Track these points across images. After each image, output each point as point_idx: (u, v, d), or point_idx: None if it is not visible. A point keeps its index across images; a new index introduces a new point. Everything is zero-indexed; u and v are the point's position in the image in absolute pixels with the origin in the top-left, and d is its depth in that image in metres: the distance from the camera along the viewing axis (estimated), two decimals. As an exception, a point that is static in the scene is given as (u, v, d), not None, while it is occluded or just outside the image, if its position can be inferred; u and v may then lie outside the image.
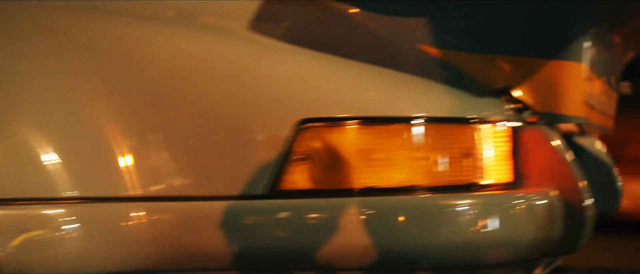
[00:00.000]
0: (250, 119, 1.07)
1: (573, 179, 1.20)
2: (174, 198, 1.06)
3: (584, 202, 1.20)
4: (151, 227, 1.05)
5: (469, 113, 1.16)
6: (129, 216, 1.05)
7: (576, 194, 1.20)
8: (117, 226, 1.04)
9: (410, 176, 1.09)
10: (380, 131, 1.08)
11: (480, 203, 1.12)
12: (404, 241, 1.06)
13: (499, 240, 1.12)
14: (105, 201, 1.05)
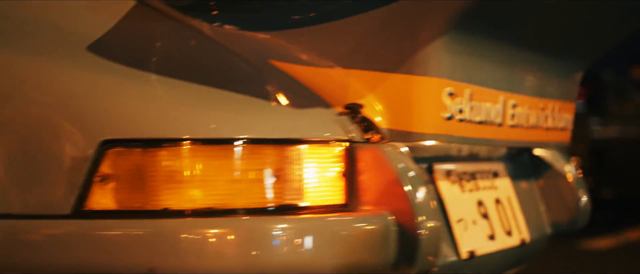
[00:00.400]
0: (57, 139, 1.11)
1: (407, 200, 1.14)
2: None
3: (418, 224, 1.13)
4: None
5: (296, 133, 1.14)
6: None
7: (409, 216, 1.13)
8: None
9: (219, 197, 1.08)
10: (187, 152, 1.08)
11: (293, 226, 1.09)
12: (209, 264, 1.06)
13: (313, 264, 1.09)
14: None
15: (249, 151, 1.09)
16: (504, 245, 1.52)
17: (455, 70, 1.26)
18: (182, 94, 1.13)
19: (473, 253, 1.40)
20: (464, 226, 1.41)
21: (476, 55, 1.33)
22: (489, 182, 1.57)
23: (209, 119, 1.11)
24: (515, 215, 1.61)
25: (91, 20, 1.26)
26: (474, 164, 1.55)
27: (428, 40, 1.20)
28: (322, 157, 1.14)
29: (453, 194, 1.42)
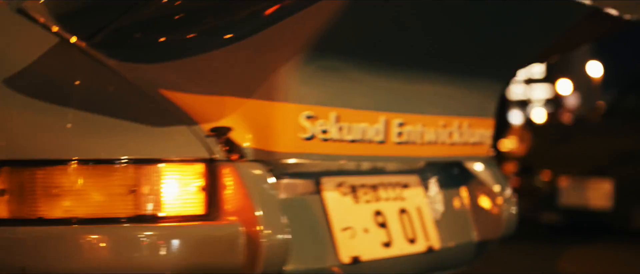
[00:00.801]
0: None
1: (252, 213, 1.31)
2: None
3: (260, 234, 1.30)
4: None
5: (160, 153, 1.32)
6: None
7: (254, 226, 1.30)
8: None
9: (88, 209, 1.28)
10: (60, 171, 1.28)
11: (149, 233, 1.28)
12: (74, 266, 1.27)
13: (166, 265, 1.28)
14: None
15: (114, 169, 1.29)
16: (402, 252, 1.66)
17: (316, 95, 1.41)
18: (66, 120, 1.34)
19: (358, 258, 1.55)
20: (351, 234, 1.56)
21: (346, 81, 1.48)
22: (395, 193, 1.71)
23: (84, 142, 1.31)
24: (424, 224, 1.74)
25: None
26: (378, 177, 1.69)
27: (284, 69, 1.36)
28: (183, 174, 1.33)
29: (342, 205, 1.57)
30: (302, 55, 1.36)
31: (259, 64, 1.37)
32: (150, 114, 1.38)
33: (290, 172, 1.51)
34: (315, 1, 1.26)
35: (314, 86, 1.41)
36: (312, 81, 1.40)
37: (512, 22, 1.63)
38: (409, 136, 1.62)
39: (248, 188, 1.32)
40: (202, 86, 1.40)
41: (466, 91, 1.76)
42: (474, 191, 1.91)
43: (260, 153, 1.39)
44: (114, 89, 1.41)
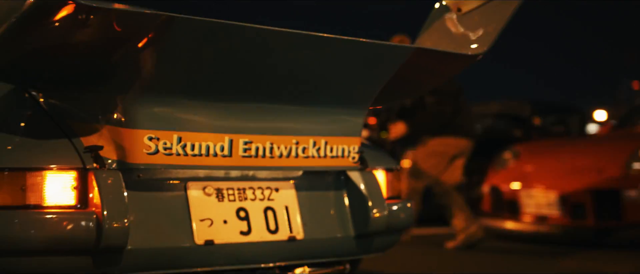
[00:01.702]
0: None
1: (100, 204, 1.92)
2: None
3: (104, 219, 1.90)
4: None
5: (44, 163, 1.96)
6: None
7: (101, 214, 1.91)
8: None
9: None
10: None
11: (30, 218, 1.92)
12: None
13: (38, 239, 1.91)
14: None
15: (13, 173, 1.94)
16: (261, 239, 2.18)
17: (160, 121, 1.99)
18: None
19: (211, 241, 2.10)
20: (209, 224, 2.12)
21: (195, 113, 2.04)
22: (264, 194, 2.24)
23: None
24: (290, 218, 2.25)
25: None
26: (248, 182, 2.23)
27: (127, 104, 1.96)
28: (61, 177, 1.97)
29: (204, 202, 2.13)
30: (139, 93, 1.95)
31: (111, 101, 1.98)
32: (51, 131, 2.03)
33: (160, 177, 2.10)
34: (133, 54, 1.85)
35: (154, 115, 1.98)
36: (152, 111, 1.98)
37: (341, 61, 2.12)
38: (255, 151, 2.14)
39: (100, 188, 1.93)
40: (81, 116, 2.04)
41: (320, 119, 2.24)
42: (346, 195, 2.38)
43: (119, 163, 1.99)
44: (31, 119, 2.09)
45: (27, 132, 2.04)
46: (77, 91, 2.05)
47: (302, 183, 2.33)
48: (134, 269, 2.00)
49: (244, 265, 2.17)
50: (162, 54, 1.90)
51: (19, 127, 2.07)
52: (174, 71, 1.95)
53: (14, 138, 2.02)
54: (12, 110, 2.12)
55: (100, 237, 1.90)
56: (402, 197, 2.60)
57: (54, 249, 1.92)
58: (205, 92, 2.05)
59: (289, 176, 2.32)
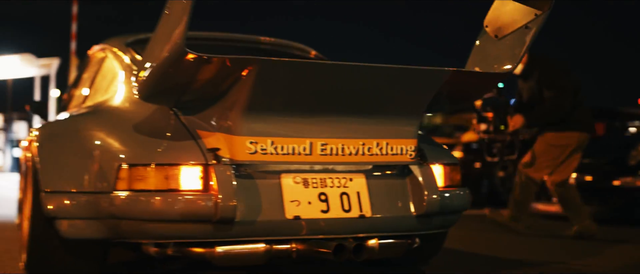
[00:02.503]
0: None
1: (216, 190, 2.75)
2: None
3: (219, 200, 2.73)
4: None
5: (184, 159, 2.83)
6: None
7: (217, 196, 2.74)
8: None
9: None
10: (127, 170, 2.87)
11: (167, 198, 2.78)
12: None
13: (178, 214, 2.77)
14: None
15: (164, 167, 2.82)
16: (337, 215, 2.93)
17: (258, 130, 2.79)
18: (149, 142, 2.92)
19: (299, 217, 2.88)
20: (297, 204, 2.90)
21: (284, 124, 2.83)
22: (340, 182, 2.98)
23: (154, 154, 2.87)
24: (361, 200, 2.98)
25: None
26: (328, 174, 2.98)
27: (233, 118, 2.78)
28: (193, 170, 2.82)
29: (293, 189, 2.91)
30: (242, 110, 2.77)
31: (224, 115, 2.81)
32: (185, 138, 2.90)
33: (263, 170, 2.90)
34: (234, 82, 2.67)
35: (253, 125, 2.79)
36: (252, 122, 2.79)
37: (395, 86, 2.83)
38: (330, 150, 2.90)
39: (217, 177, 2.77)
40: (207, 128, 2.89)
41: (382, 126, 2.95)
42: (409, 183, 3.07)
43: (230, 160, 2.82)
44: (174, 129, 2.96)
45: (169, 137, 2.92)
46: (202, 108, 2.90)
47: (371, 174, 3.05)
48: (240, 235, 2.82)
49: (323, 235, 2.93)
50: (255, 83, 2.69)
51: (164, 134, 2.95)
52: (265, 94, 2.75)
53: (161, 142, 2.90)
54: (160, 122, 3.01)
55: (217, 211, 2.74)
56: (458, 186, 3.24)
57: (186, 219, 2.77)
58: (290, 108, 2.83)
59: (361, 169, 3.04)
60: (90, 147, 3.03)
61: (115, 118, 3.25)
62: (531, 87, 5.52)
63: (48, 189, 3.05)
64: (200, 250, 2.85)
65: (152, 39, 2.77)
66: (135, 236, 2.89)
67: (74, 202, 2.97)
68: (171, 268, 3.91)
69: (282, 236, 2.89)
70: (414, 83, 2.89)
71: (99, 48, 4.35)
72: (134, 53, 3.71)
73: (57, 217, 2.99)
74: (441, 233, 3.58)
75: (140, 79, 2.84)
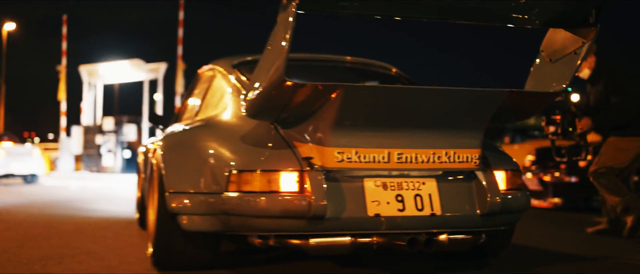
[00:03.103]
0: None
1: (310, 191, 3.34)
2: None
3: (312, 200, 3.31)
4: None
5: (287, 166, 3.43)
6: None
7: (311, 197, 3.32)
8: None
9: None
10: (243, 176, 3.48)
11: (276, 198, 3.39)
12: None
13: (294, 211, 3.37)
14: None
15: (266, 173, 3.43)
16: (411, 213, 3.46)
17: (345, 142, 3.35)
18: (255, 152, 3.54)
19: (379, 214, 3.43)
20: (377, 203, 3.45)
21: (367, 137, 3.38)
22: (414, 185, 3.52)
23: (260, 162, 3.48)
24: (432, 201, 3.50)
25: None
26: (403, 179, 3.52)
27: (325, 133, 3.36)
28: (291, 175, 3.42)
29: (374, 190, 3.46)
30: (330, 125, 3.34)
31: (316, 130, 3.39)
32: (284, 149, 3.49)
33: (349, 175, 3.47)
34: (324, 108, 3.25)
35: (340, 138, 3.36)
36: (339, 136, 3.36)
37: (460, 105, 3.35)
38: (406, 159, 3.44)
39: (311, 181, 3.35)
40: (302, 140, 3.47)
41: (450, 138, 3.47)
42: (474, 186, 3.58)
43: (320, 167, 3.40)
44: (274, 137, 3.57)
45: (271, 148, 3.52)
46: (297, 123, 3.49)
47: (441, 179, 3.57)
48: (330, 229, 3.39)
49: (399, 230, 3.47)
50: (342, 104, 3.25)
51: (266, 144, 3.55)
52: (350, 112, 3.31)
53: (264, 151, 3.51)
54: (263, 135, 3.62)
55: (311, 209, 3.31)
56: (519, 189, 3.72)
57: (285, 215, 3.36)
58: (371, 123, 3.38)
59: (432, 174, 3.57)
60: (206, 156, 3.67)
61: (225, 131, 3.87)
62: (599, 91, 5.74)
63: (171, 190, 3.71)
64: (296, 242, 3.44)
65: (258, 67, 3.38)
66: (243, 229, 3.50)
67: (193, 201, 3.61)
68: (268, 256, 4.52)
69: (364, 231, 3.44)
70: (477, 102, 3.40)
71: (208, 68, 5.02)
72: (240, 74, 4.35)
73: (179, 213, 3.64)
74: (508, 230, 4.07)
75: (248, 100, 3.46)
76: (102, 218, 7.24)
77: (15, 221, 6.83)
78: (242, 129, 3.78)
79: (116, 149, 23.82)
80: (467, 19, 3.43)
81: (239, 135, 3.73)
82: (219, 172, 3.53)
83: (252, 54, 4.74)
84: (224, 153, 3.60)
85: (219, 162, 3.56)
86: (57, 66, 26.60)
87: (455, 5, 3.30)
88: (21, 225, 6.47)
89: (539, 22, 3.42)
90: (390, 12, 3.44)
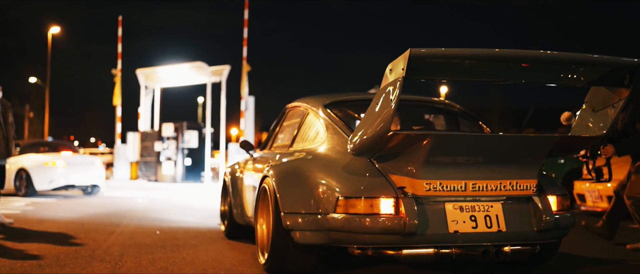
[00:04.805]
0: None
1: (404, 214, 4.29)
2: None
3: (407, 220, 4.26)
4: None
5: (380, 194, 4.38)
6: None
7: (406, 218, 4.28)
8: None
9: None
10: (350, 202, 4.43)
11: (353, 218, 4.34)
12: None
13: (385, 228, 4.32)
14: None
15: (361, 200, 4.39)
16: (482, 230, 4.40)
17: (431, 175, 4.29)
18: (355, 181, 4.49)
19: (457, 231, 4.37)
20: (456, 221, 4.39)
21: (448, 171, 4.32)
22: (484, 207, 4.45)
23: (359, 190, 4.43)
24: (498, 220, 4.44)
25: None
26: (476, 202, 4.46)
27: (416, 169, 4.31)
28: (388, 200, 4.36)
29: (454, 211, 4.40)
30: (421, 163, 4.29)
31: (409, 165, 4.34)
32: (381, 179, 4.45)
33: (434, 200, 4.41)
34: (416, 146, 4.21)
35: (428, 172, 4.30)
36: (427, 170, 4.30)
37: (521, 146, 4.30)
38: (479, 188, 4.38)
39: (404, 206, 4.30)
40: (395, 173, 4.43)
41: (512, 171, 4.41)
42: (532, 208, 4.51)
43: (412, 195, 4.34)
44: (370, 169, 4.53)
45: (371, 179, 4.47)
46: (391, 159, 4.44)
47: (506, 202, 4.51)
48: (419, 242, 4.32)
49: (473, 243, 4.40)
50: (431, 146, 4.19)
51: (365, 175, 4.51)
52: (436, 152, 4.25)
53: (364, 180, 4.46)
54: (361, 167, 4.56)
55: (405, 228, 4.26)
56: (567, 210, 4.64)
57: (384, 232, 4.30)
58: (452, 160, 4.33)
59: (499, 199, 4.50)
60: (316, 183, 4.62)
61: (328, 162, 4.83)
62: (625, 117, 6.24)
63: (286, 210, 4.67)
64: (391, 252, 4.38)
65: (365, 117, 4.33)
66: (346, 242, 4.45)
67: (305, 220, 4.57)
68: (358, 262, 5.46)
69: (445, 243, 4.38)
70: (534, 145, 4.33)
71: (297, 105, 6.00)
72: (332, 113, 5.31)
73: (293, 229, 4.60)
74: (556, 243, 4.99)
75: (354, 142, 4.41)
76: (185, 228, 8.18)
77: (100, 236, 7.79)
78: (342, 162, 4.73)
79: (177, 157, 22.51)
80: (537, 82, 4.35)
81: (340, 166, 4.68)
82: (328, 197, 4.47)
83: (338, 94, 5.71)
84: (332, 182, 4.54)
85: (328, 189, 4.50)
86: (113, 70, 25.64)
87: (529, 72, 4.21)
88: (110, 237, 7.42)
89: (584, 80, 4.34)
90: (482, 77, 4.35)
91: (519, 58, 4.09)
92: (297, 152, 5.48)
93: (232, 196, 7.01)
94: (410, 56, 3.86)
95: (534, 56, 4.07)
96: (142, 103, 24.81)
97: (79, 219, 9.09)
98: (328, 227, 4.44)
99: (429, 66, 4.04)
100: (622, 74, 4.23)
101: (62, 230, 7.78)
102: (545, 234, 4.52)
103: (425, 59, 3.94)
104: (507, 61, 4.14)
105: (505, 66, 4.20)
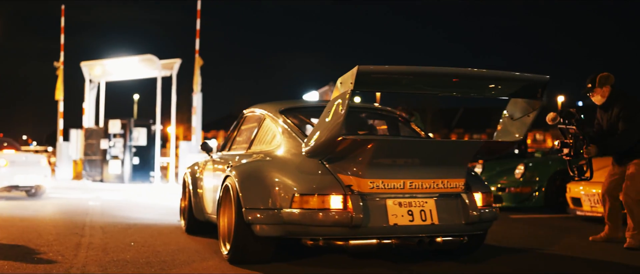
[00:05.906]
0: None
1: (351, 208, 4.96)
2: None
3: (352, 213, 4.93)
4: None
5: (325, 190, 5.04)
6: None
7: (352, 212, 4.94)
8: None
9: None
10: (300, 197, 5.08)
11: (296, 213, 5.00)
12: None
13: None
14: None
15: (315, 196, 5.04)
16: (418, 223, 5.09)
17: (375, 175, 4.96)
18: (306, 179, 5.14)
19: (396, 224, 5.05)
20: (396, 215, 5.07)
21: (389, 171, 5.01)
22: (420, 203, 5.15)
23: (310, 187, 5.08)
24: (432, 214, 5.13)
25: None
26: (413, 198, 5.15)
27: (361, 168, 4.98)
28: (338, 197, 5.01)
29: (394, 207, 5.08)
30: (365, 164, 4.96)
31: (354, 166, 5.01)
32: (331, 179, 5.11)
33: (377, 197, 5.08)
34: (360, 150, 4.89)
35: (371, 172, 4.98)
36: (370, 171, 4.98)
37: (451, 150, 5.01)
38: (415, 186, 5.08)
39: (351, 202, 4.96)
40: (343, 173, 5.09)
41: (444, 171, 5.13)
42: (460, 204, 5.22)
43: (358, 192, 5.01)
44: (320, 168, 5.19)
45: (323, 178, 5.12)
46: (340, 160, 5.11)
47: (439, 199, 5.20)
48: (364, 234, 4.98)
49: (410, 234, 5.09)
50: (374, 150, 4.87)
51: (318, 174, 5.16)
52: (379, 155, 4.93)
53: (317, 179, 5.11)
54: (314, 168, 5.21)
55: (352, 221, 4.91)
56: (490, 205, 5.38)
57: (334, 224, 4.94)
58: (393, 162, 5.02)
59: (432, 196, 5.20)
60: (274, 182, 5.24)
61: (285, 163, 5.45)
62: (610, 118, 6.40)
63: (247, 206, 5.29)
64: (340, 243, 5.03)
65: (318, 123, 4.98)
66: (300, 234, 5.09)
67: (264, 215, 5.19)
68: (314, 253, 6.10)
69: (387, 235, 5.05)
70: (462, 149, 5.06)
71: (253, 110, 6.63)
72: (286, 119, 5.95)
73: (253, 223, 5.23)
74: (482, 234, 5.73)
75: (308, 145, 5.07)
76: (148, 225, 8.67)
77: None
78: (297, 163, 5.37)
79: (124, 155, 20.83)
80: (465, 94, 5.08)
81: (295, 167, 5.31)
82: (285, 194, 5.10)
83: (291, 100, 6.36)
84: (288, 181, 5.18)
85: (285, 187, 5.14)
86: (55, 62, 23.55)
87: (458, 85, 4.94)
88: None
89: (504, 93, 5.07)
90: (419, 90, 5.09)
91: (450, 74, 4.79)
92: (256, 153, 6.09)
93: (192, 194, 7.57)
94: (358, 72, 4.52)
95: (462, 73, 4.79)
96: (86, 98, 22.98)
97: (34, 227, 7.94)
98: (285, 221, 5.07)
99: (374, 81, 4.72)
100: (536, 88, 4.98)
101: (18, 242, 6.60)
102: (472, 227, 5.24)
103: (371, 74, 4.61)
104: (440, 77, 4.84)
105: (439, 81, 4.92)
